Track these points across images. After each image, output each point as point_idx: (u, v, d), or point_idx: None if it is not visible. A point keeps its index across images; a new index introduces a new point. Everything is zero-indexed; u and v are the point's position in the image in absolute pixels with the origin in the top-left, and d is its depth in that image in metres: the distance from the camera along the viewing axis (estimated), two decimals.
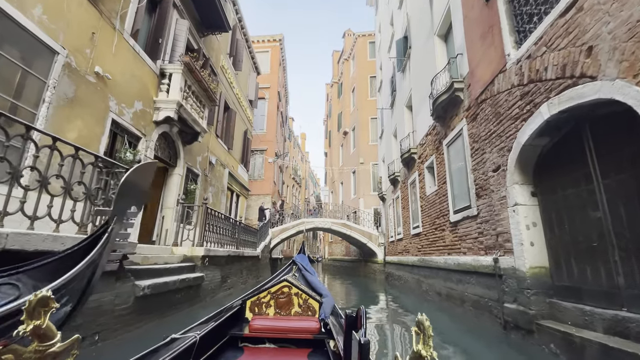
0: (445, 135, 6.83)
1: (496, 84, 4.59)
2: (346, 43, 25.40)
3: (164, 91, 7.78)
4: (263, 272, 13.23)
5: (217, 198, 12.02)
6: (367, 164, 19.97)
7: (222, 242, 8.09)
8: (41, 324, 0.93)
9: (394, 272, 12.73)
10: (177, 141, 8.84)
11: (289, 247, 31.81)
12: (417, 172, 9.18)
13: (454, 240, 6.36)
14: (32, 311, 0.92)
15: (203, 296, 6.29)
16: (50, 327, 0.96)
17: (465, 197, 5.80)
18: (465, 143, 5.74)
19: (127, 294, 3.82)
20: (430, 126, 7.93)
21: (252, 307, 2.84)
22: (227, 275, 8.02)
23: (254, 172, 19.38)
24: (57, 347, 0.97)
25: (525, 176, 4.12)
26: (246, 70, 16.28)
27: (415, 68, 9.75)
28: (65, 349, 0.99)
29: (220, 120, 12.22)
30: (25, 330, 0.92)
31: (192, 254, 6.33)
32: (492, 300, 4.66)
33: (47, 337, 0.95)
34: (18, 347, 0.94)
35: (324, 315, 2.64)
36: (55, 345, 0.97)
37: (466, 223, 5.73)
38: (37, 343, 0.95)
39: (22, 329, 0.91)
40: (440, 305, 6.83)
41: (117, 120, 6.30)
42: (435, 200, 7.60)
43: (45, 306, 0.94)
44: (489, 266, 4.73)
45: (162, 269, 5.00)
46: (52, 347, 0.96)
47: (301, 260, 3.98)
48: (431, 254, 7.81)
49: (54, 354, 0.97)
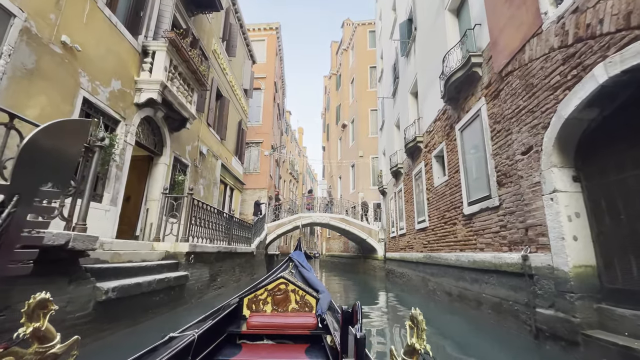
0: (458, 118, 6.16)
1: (527, 51, 3.91)
2: (345, 33, 24.59)
3: (147, 70, 7.03)
4: (258, 269, 12.56)
5: (209, 191, 11.30)
6: (366, 157, 19.29)
7: (212, 238, 7.40)
8: (41, 326, 0.95)
9: (395, 269, 12.11)
10: (163, 127, 8.11)
11: (285, 243, 31.17)
12: (424, 162, 8.51)
13: (467, 235, 5.71)
14: (31, 313, 0.94)
15: (188, 297, 5.61)
16: (49, 329, 0.97)
17: (483, 186, 5.14)
18: (484, 125, 5.07)
19: (84, 299, 3.13)
20: (439, 110, 7.25)
21: (250, 304, 2.86)
22: (216, 274, 7.34)
23: (249, 165, 18.64)
24: (57, 348, 0.98)
25: (565, 158, 3.45)
26: (240, 58, 15.48)
27: (421, 50, 9.04)
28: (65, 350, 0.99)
29: (212, 108, 11.47)
30: (25, 332, 0.93)
31: (175, 250, 5.63)
32: (519, 303, 4.02)
33: (47, 339, 0.96)
34: (19, 350, 0.94)
35: (321, 311, 2.67)
36: (56, 346, 0.97)
37: (484, 215, 5.08)
38: (37, 345, 0.96)
39: (22, 332, 0.93)
40: (450, 306, 6.21)
41: (90, 99, 5.57)
42: (444, 192, 6.95)
43: (44, 308, 0.96)
44: (514, 264, 4.08)
45: (136, 268, 4.31)
46: (52, 348, 0.97)
47: (298, 257, 3.96)
48: (439, 250, 7.18)
49: (54, 356, 0.97)
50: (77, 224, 3.21)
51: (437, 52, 7.39)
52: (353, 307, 1.94)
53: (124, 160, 6.52)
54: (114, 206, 6.18)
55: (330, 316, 2.66)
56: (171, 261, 5.44)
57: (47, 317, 0.96)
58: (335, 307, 2.93)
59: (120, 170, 6.41)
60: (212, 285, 6.97)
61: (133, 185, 8.06)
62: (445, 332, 4.83)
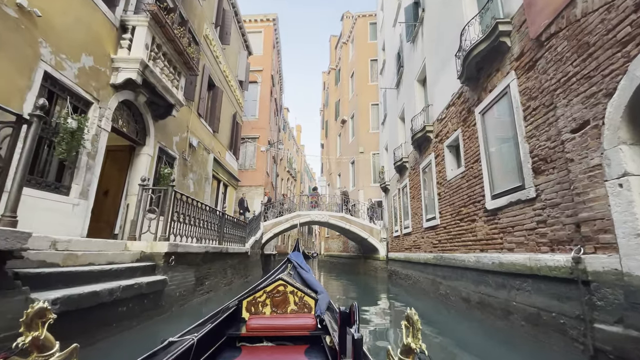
0: (479, 100, 5.40)
1: (580, 4, 3.15)
2: (345, 26, 23.81)
3: (125, 48, 6.23)
4: (253, 271, 11.77)
5: (200, 186, 10.50)
6: (367, 153, 18.53)
7: (200, 236, 6.62)
8: (39, 335, 0.93)
9: (399, 271, 11.36)
10: (146, 114, 7.31)
11: (283, 242, 30.36)
12: (434, 153, 7.75)
13: (491, 233, 4.96)
14: (30, 323, 0.92)
15: (167, 305, 4.82)
16: (48, 338, 0.95)
17: (512, 175, 4.39)
18: (515, 103, 4.32)
19: (11, 315, 2.34)
20: (454, 94, 6.49)
21: (249, 306, 2.85)
22: (204, 276, 6.55)
23: (245, 161, 17.84)
24: (57, 356, 0.95)
25: (638, 132, 2.70)
26: (235, 47, 14.68)
27: (430, 32, 8.29)
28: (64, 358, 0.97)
29: (203, 98, 10.66)
30: (24, 341, 0.91)
31: (153, 250, 4.84)
32: (567, 316, 3.27)
33: (46, 348, 0.94)
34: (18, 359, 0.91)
35: (320, 312, 2.65)
36: (54, 355, 0.95)
37: (515, 210, 4.33)
38: (37, 354, 0.93)
39: (21, 341, 0.91)
40: (469, 315, 5.45)
41: (54, 74, 4.77)
42: (460, 185, 6.20)
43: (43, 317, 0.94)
44: (560, 268, 3.33)
45: (97, 272, 3.51)
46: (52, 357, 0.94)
47: (296, 257, 3.90)
48: (453, 250, 6.43)
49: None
50: (2, 217, 2.43)
51: (450, 29, 6.64)
52: (350, 307, 1.92)
53: (98, 148, 5.72)
54: (84, 200, 5.37)
55: (329, 317, 2.66)
56: (147, 263, 4.65)
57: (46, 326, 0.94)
58: (334, 308, 2.85)
59: (93, 159, 5.61)
60: (198, 289, 6.18)
61: (112, 178, 7.25)
62: (467, 346, 4.08)
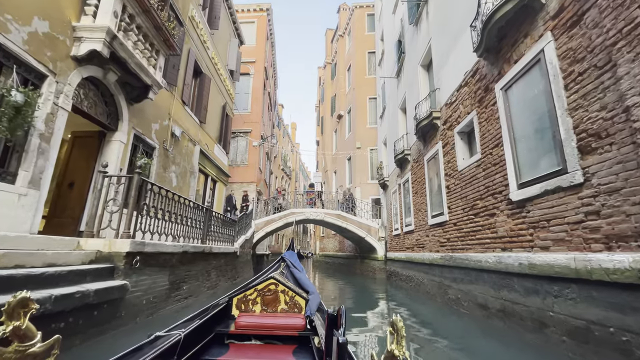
0: (500, 75, 4.65)
1: None
2: (341, 18, 23.02)
3: (90, 15, 5.37)
4: (243, 272, 10.93)
5: (184, 181, 9.63)
6: (364, 149, 17.76)
7: (177, 234, 5.78)
8: (21, 325, 0.92)
9: (399, 272, 10.62)
10: (118, 95, 6.44)
11: (277, 242, 29.51)
12: (441, 142, 7.00)
13: (517, 229, 4.21)
14: (11, 312, 0.91)
15: (129, 316, 3.98)
16: (30, 328, 0.93)
17: (548, 158, 3.64)
18: (552, 70, 3.56)
19: None
20: (467, 73, 5.74)
21: (239, 304, 2.82)
22: (181, 280, 5.71)
23: (236, 156, 16.96)
24: (38, 347, 0.94)
25: None
26: (225, 34, 13.82)
27: (437, 8, 7.53)
28: (46, 349, 0.95)
29: (188, 84, 9.79)
30: (5, 331, 0.89)
31: (111, 249, 4.00)
32: (633, 332, 2.52)
33: (27, 338, 0.92)
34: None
35: (310, 313, 2.62)
36: (36, 345, 0.93)
37: (551, 200, 3.57)
38: (17, 343, 0.91)
39: (1, 330, 0.89)
40: (487, 324, 4.70)
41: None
42: (474, 175, 5.45)
43: (25, 307, 0.93)
44: (622, 270, 2.58)
45: (20, 278, 2.67)
46: (33, 347, 0.92)
47: (290, 257, 3.87)
48: (466, 249, 5.68)
49: (35, 354, 0.93)
50: None
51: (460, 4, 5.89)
52: (338, 310, 1.88)
53: (54, 129, 4.85)
54: (34, 189, 4.51)
55: (319, 318, 2.66)
56: (103, 265, 3.81)
57: (28, 315, 0.93)
58: (325, 309, 2.76)
59: (47, 142, 4.74)
60: (173, 295, 5.34)
61: (79, 168, 6.38)
62: None
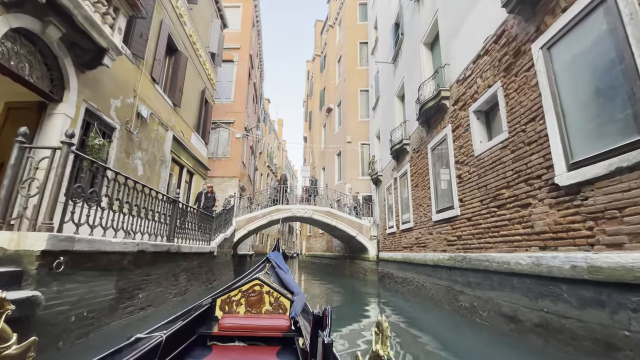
0: (538, 31, 3.74)
1: None
2: (331, 8, 22.03)
3: None
4: (220, 275, 9.73)
5: (153, 170, 8.37)
6: (355, 143, 16.82)
7: (131, 229, 4.60)
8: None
9: (393, 273, 9.69)
10: (64, 58, 5.20)
11: (261, 242, 28.19)
12: (451, 125, 6.08)
13: (566, 222, 3.29)
14: None
15: (46, 339, 2.82)
16: (5, 330, 0.89)
17: (623, 124, 2.71)
18: (627, 8, 2.66)
19: None
20: (488, 38, 4.81)
21: (223, 305, 2.76)
22: (135, 287, 4.52)
23: (217, 148, 15.67)
24: (14, 349, 0.88)
25: None
26: (206, 12, 12.58)
27: None
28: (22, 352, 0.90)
29: (159, 60, 8.54)
30: None
31: (19, 247, 2.84)
32: None
33: (3, 340, 0.87)
34: None
35: (295, 314, 2.59)
36: (11, 347, 0.88)
37: (627, 181, 2.65)
38: None
39: None
40: (518, 340, 3.77)
41: None
42: (499, 159, 4.53)
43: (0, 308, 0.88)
44: None
45: None
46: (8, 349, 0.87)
47: (275, 257, 3.77)
48: (486, 248, 4.76)
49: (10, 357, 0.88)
50: None
51: None
52: (324, 311, 1.86)
53: None
54: None
55: (304, 319, 2.63)
56: (6, 269, 2.65)
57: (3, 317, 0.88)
58: (310, 310, 2.57)
59: None
60: (123, 306, 4.15)
61: (11, 145, 5.12)
62: None
